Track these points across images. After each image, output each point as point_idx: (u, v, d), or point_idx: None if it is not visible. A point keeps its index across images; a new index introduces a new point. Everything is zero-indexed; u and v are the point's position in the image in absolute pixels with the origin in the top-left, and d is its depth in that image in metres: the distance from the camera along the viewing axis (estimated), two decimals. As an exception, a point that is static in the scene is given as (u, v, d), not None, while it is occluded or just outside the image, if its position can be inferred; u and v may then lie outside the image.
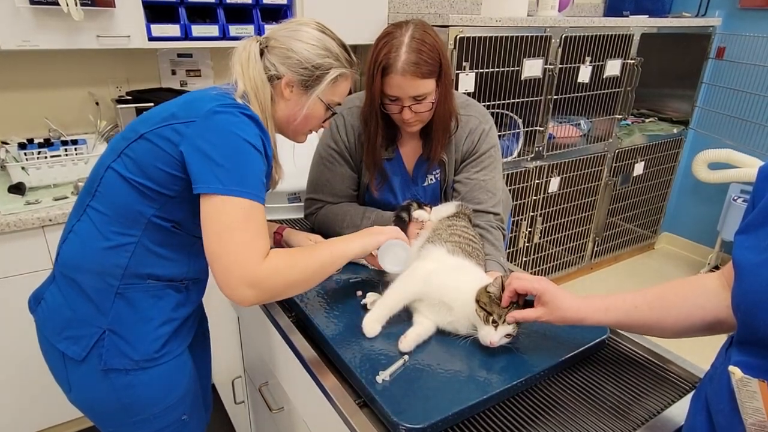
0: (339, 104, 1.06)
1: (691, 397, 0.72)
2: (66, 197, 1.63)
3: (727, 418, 0.57)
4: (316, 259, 0.93)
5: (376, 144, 1.24)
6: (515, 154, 2.42)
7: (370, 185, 1.32)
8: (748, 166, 2.69)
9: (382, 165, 1.30)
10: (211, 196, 0.84)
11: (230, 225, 0.83)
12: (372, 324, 0.94)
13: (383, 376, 0.82)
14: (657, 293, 0.79)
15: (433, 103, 1.16)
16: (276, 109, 0.99)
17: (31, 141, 1.76)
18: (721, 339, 0.69)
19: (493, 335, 0.87)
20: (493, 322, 0.86)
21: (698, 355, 0.97)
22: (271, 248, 0.88)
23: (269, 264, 0.85)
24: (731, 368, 0.47)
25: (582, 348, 0.92)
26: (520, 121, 2.36)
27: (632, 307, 0.80)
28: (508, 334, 0.87)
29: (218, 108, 0.87)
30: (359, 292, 1.08)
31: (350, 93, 1.15)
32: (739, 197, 2.83)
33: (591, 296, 0.84)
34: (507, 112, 2.31)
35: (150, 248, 0.93)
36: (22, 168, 1.66)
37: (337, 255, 0.96)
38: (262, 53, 0.97)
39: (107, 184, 0.91)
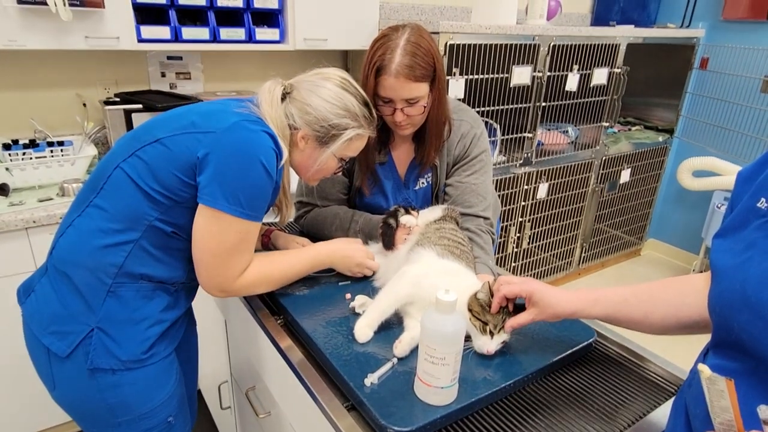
0: (353, 157, 1.09)
1: (672, 403, 0.73)
2: (51, 199, 1.61)
3: (703, 423, 0.58)
4: (291, 273, 1.06)
5: (369, 146, 1.24)
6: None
7: (363, 187, 1.32)
8: (730, 174, 2.74)
9: (375, 168, 1.30)
10: (214, 209, 0.88)
11: (225, 244, 0.91)
12: (364, 329, 0.94)
13: (371, 379, 0.82)
14: (646, 289, 0.80)
15: (425, 107, 1.16)
16: (291, 155, 1.01)
17: (16, 142, 1.74)
18: (702, 342, 0.70)
19: (490, 345, 0.87)
20: (490, 332, 0.87)
21: (681, 358, 0.98)
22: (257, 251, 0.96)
23: (245, 280, 0.97)
24: (700, 366, 0.47)
25: (569, 351, 0.93)
26: (498, 128, 2.36)
27: (622, 300, 0.81)
28: (503, 341, 0.88)
29: (240, 123, 0.89)
30: (348, 295, 1.08)
31: None
32: (723, 204, 2.88)
33: (581, 289, 0.84)
34: (486, 119, 2.32)
35: (148, 250, 0.93)
36: (6, 169, 1.64)
37: (309, 267, 1.10)
38: (284, 97, 0.99)
39: (114, 183, 0.92)
